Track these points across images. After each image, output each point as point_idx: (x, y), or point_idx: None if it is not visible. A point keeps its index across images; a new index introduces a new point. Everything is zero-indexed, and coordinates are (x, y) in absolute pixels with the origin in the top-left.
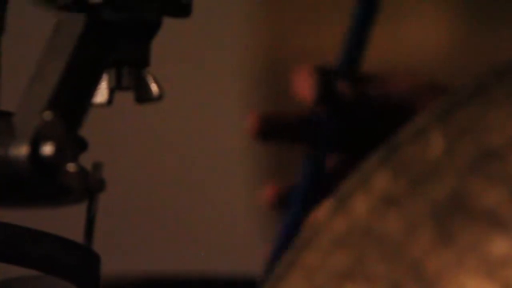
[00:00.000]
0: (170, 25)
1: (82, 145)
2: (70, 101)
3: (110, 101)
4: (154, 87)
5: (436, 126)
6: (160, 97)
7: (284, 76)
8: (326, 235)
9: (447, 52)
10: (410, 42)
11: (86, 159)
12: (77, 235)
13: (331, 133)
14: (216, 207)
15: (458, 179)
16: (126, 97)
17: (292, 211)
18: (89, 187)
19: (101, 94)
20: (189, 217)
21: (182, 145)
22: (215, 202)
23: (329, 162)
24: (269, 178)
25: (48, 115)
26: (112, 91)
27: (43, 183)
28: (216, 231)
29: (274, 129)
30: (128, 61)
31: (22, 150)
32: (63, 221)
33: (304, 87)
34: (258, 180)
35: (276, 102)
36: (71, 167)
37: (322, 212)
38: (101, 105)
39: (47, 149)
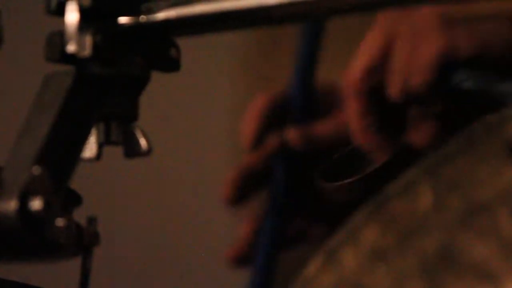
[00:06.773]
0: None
1: (76, 200)
2: (59, 156)
3: (98, 156)
4: (143, 142)
5: (425, 180)
6: (149, 151)
7: None
8: None
9: None
10: None
11: (81, 214)
12: None
13: (287, 178)
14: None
15: (447, 233)
16: (116, 152)
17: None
18: (84, 242)
19: (90, 149)
20: (185, 271)
21: (174, 198)
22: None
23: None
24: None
25: (36, 169)
26: (100, 146)
27: (32, 238)
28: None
29: (245, 189)
30: (117, 115)
31: (10, 205)
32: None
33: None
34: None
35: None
36: (60, 221)
37: (311, 266)
38: (89, 160)
39: (36, 204)
